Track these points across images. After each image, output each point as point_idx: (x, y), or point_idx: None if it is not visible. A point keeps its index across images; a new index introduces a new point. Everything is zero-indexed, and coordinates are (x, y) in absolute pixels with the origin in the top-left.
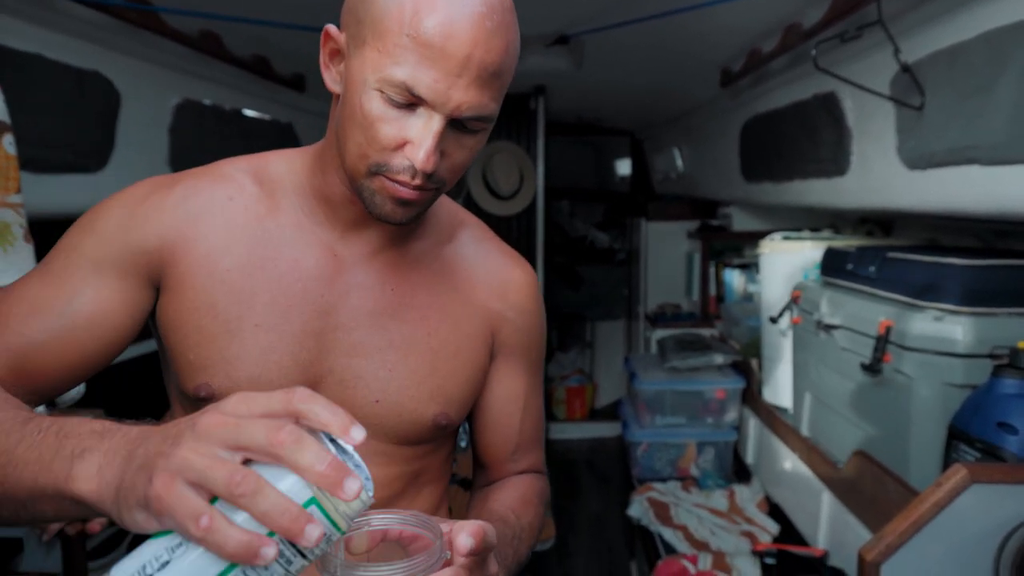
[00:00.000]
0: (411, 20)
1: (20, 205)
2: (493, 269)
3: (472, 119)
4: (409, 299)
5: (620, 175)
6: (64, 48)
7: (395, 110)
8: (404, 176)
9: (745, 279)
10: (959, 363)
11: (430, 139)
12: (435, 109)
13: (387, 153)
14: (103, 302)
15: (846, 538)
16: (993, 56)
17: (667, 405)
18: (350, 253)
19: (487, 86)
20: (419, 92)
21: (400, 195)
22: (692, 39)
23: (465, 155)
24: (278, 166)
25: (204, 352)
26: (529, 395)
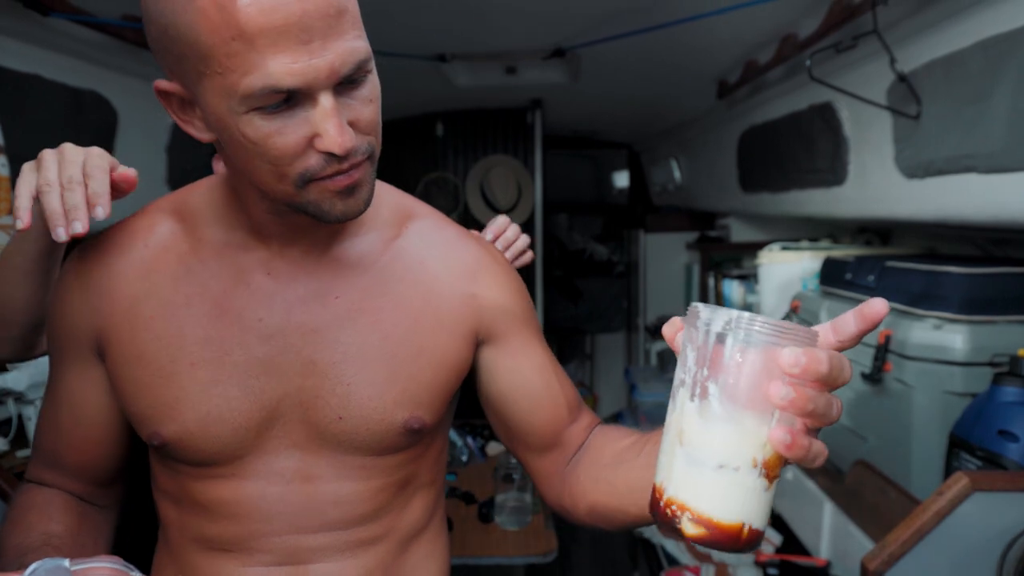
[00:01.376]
0: (222, 20)
1: (12, 226)
2: (454, 255)
3: (352, 73)
4: (358, 304)
5: (618, 187)
6: (61, 68)
7: (279, 117)
8: (332, 167)
9: (744, 290)
10: (959, 371)
11: (331, 121)
12: (313, 88)
13: (301, 160)
14: (79, 392)
15: (848, 548)
16: (989, 64)
17: None
18: (286, 269)
19: (341, 30)
20: (285, 85)
21: (340, 185)
22: (688, 51)
23: (371, 108)
24: (199, 197)
25: (144, 402)
26: (549, 360)
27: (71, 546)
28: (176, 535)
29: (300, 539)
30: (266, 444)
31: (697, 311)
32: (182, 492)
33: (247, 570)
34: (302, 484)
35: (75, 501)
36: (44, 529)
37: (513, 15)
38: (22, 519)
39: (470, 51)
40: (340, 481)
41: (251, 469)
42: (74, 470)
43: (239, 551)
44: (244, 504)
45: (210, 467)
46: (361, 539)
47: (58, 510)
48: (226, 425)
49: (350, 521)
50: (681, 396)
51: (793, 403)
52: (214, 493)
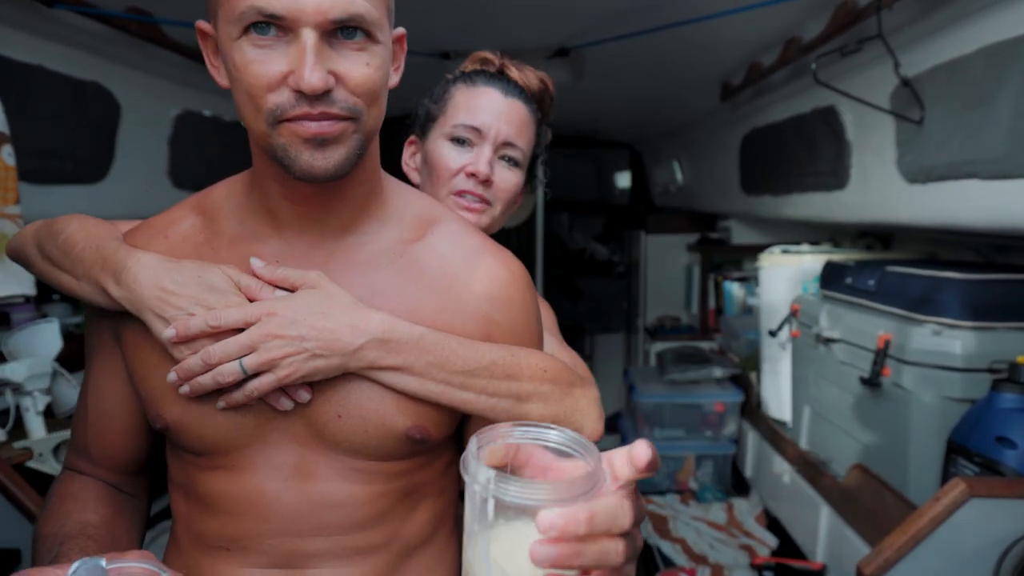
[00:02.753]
0: None
1: (19, 216)
2: (475, 267)
3: (344, 22)
4: (367, 303)
5: (620, 188)
6: (64, 59)
7: (265, 49)
8: (301, 108)
9: (744, 292)
10: (958, 377)
11: (305, 55)
12: (298, 23)
13: (274, 94)
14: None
15: (845, 552)
16: (993, 70)
17: (666, 418)
18: (296, 260)
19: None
20: (273, 10)
21: (307, 132)
22: (692, 52)
23: (367, 72)
24: (220, 192)
25: (151, 383)
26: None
27: (106, 536)
28: (183, 530)
29: (296, 542)
30: (267, 436)
31: (466, 459)
32: (189, 483)
33: (244, 571)
34: (300, 482)
35: (109, 490)
36: (80, 518)
37: (517, 14)
38: (60, 507)
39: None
40: (338, 482)
41: (251, 461)
42: (100, 458)
43: (237, 550)
44: (242, 500)
45: (212, 456)
46: (359, 546)
47: (94, 499)
48: (223, 413)
49: (348, 526)
50: (466, 542)
51: (556, 562)
52: (215, 486)
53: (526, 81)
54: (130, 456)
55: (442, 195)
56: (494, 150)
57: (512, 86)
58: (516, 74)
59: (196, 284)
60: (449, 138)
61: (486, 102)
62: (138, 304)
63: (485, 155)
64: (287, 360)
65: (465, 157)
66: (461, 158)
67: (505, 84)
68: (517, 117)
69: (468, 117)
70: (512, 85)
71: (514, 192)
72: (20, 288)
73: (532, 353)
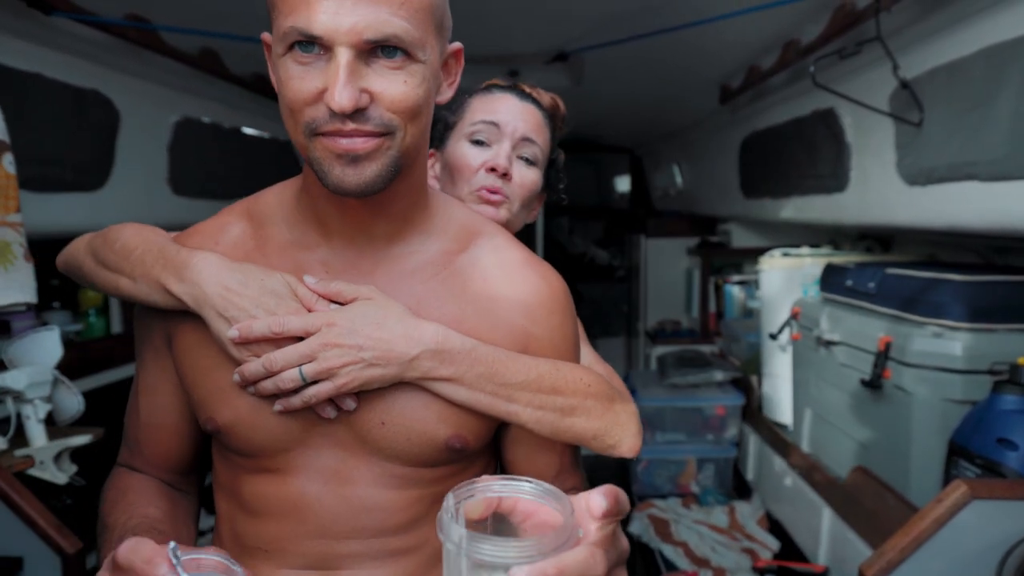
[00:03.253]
0: None
1: (20, 224)
2: (516, 281)
3: (380, 42)
4: (413, 312)
5: (619, 192)
6: (63, 67)
7: (306, 65)
8: (333, 125)
9: (745, 295)
10: (959, 379)
11: (337, 74)
12: (334, 43)
13: (310, 109)
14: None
15: (847, 554)
16: (992, 72)
17: (667, 422)
18: (342, 268)
19: (381, 2)
20: (311, 31)
21: (339, 148)
22: (691, 56)
23: (403, 90)
24: (269, 198)
25: (203, 387)
26: None
27: (170, 531)
28: (225, 530)
29: (333, 544)
30: (311, 440)
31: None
32: (233, 485)
33: (280, 572)
34: (339, 486)
35: (165, 487)
36: (144, 512)
37: (516, 18)
38: (123, 498)
39: (473, 54)
40: (376, 487)
41: (294, 464)
42: (152, 456)
43: (274, 551)
44: (284, 502)
45: (259, 459)
46: (392, 549)
47: (154, 494)
48: (274, 416)
49: (383, 529)
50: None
51: None
52: (258, 488)
53: (538, 97)
54: (180, 455)
55: (464, 194)
56: (512, 146)
57: (527, 95)
58: (529, 90)
59: (258, 287)
60: (468, 138)
61: (503, 103)
62: (200, 301)
63: (504, 150)
64: (345, 369)
65: (485, 154)
66: (481, 156)
67: (520, 92)
68: (533, 118)
69: (486, 115)
70: (527, 95)
71: (531, 190)
72: (22, 296)
73: (575, 368)
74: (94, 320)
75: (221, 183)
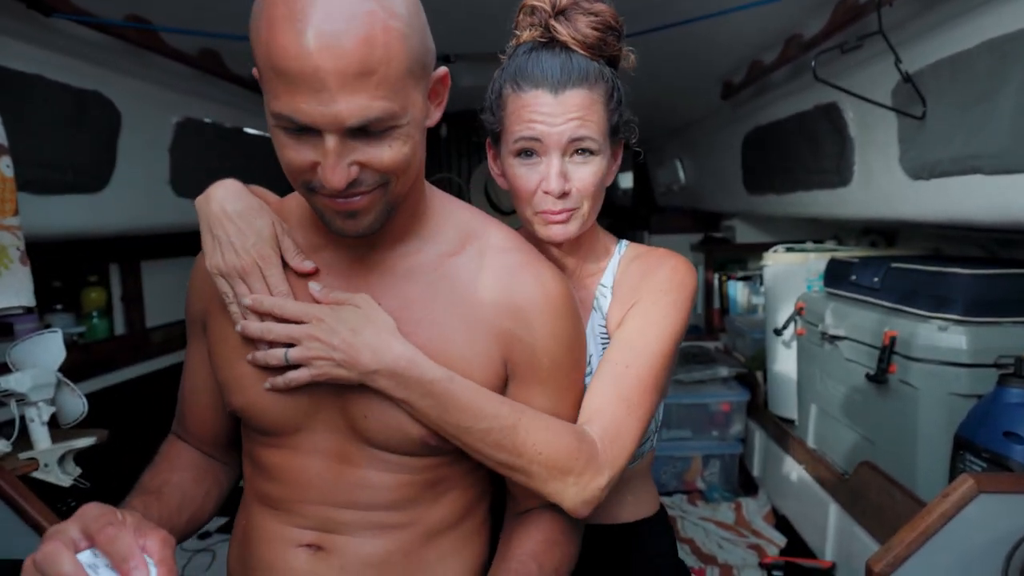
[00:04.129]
0: (265, 52)
1: (18, 227)
2: (505, 284)
3: (362, 126)
4: (396, 313)
5: (622, 188)
6: (64, 68)
7: (297, 138)
8: (325, 190)
9: (749, 291)
10: (964, 373)
11: (328, 160)
12: (322, 129)
13: (306, 174)
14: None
15: (854, 549)
16: (995, 65)
17: (672, 418)
18: (343, 270)
19: (358, 89)
20: (299, 120)
21: (336, 207)
22: (693, 51)
23: (389, 155)
24: (292, 202)
25: (224, 373)
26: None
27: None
28: (249, 491)
29: (331, 511)
30: (314, 424)
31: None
32: (253, 454)
33: (288, 528)
34: (338, 463)
35: (200, 456)
36: (166, 477)
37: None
38: (157, 464)
39: (475, 52)
40: (369, 469)
41: (301, 443)
42: (193, 430)
43: (284, 511)
44: (291, 471)
45: (271, 436)
46: (384, 523)
47: (183, 462)
48: (279, 402)
49: (375, 505)
50: None
51: None
52: (272, 458)
53: (580, 37)
54: (216, 430)
55: (528, 215)
56: (562, 154)
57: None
58: (566, 33)
59: (247, 223)
60: (515, 154)
61: (537, 109)
62: (202, 212)
63: (555, 167)
64: (318, 362)
65: (537, 173)
66: (533, 175)
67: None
68: (576, 107)
69: (524, 129)
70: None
71: (600, 180)
72: (18, 299)
73: (540, 427)
74: (97, 322)
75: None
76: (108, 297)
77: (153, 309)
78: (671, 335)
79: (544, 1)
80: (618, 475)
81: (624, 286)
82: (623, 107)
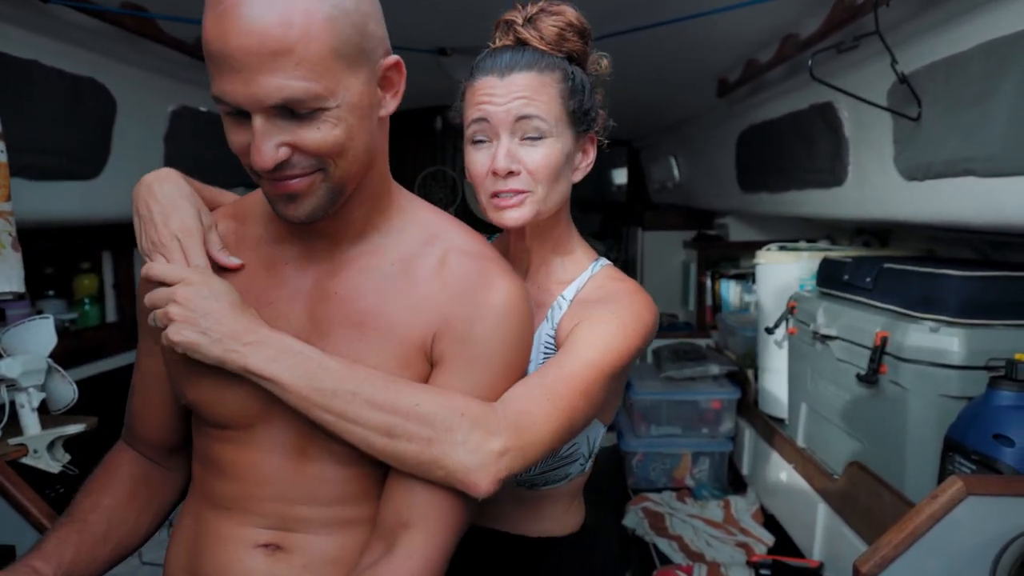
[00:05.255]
0: (204, 36)
1: (10, 213)
2: (454, 280)
3: (284, 105)
4: (352, 304)
5: (616, 184)
6: (60, 55)
7: (235, 120)
8: (258, 171)
9: (741, 289)
10: (955, 374)
11: (255, 139)
12: (247, 109)
13: (246, 158)
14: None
15: (841, 549)
16: (991, 67)
17: (662, 415)
18: (304, 262)
19: (273, 68)
20: (227, 100)
21: (276, 190)
22: (689, 49)
23: (318, 137)
24: (254, 198)
25: (177, 367)
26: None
27: (101, 522)
28: (197, 491)
29: (289, 508)
30: (271, 417)
31: None
32: (206, 451)
33: (243, 529)
34: (295, 456)
35: (140, 469)
36: (94, 500)
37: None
38: (93, 479)
39: (471, 45)
40: (325, 462)
41: (257, 437)
42: (141, 434)
43: (238, 510)
44: (247, 466)
45: (226, 430)
46: (343, 518)
47: (119, 480)
48: (235, 394)
49: (333, 499)
50: None
51: None
52: (227, 454)
53: (539, 35)
54: (165, 432)
55: (483, 201)
56: (511, 135)
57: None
58: (526, 34)
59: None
60: (471, 141)
61: (484, 92)
62: (136, 193)
63: (503, 147)
64: (180, 325)
65: (488, 156)
66: (485, 159)
67: (506, 59)
68: (523, 87)
69: (474, 111)
70: (515, 55)
71: (554, 165)
72: (10, 285)
73: (420, 388)
74: (88, 309)
75: (217, 172)
76: (100, 284)
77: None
78: (614, 354)
79: (516, 15)
80: (524, 460)
81: (583, 303)
82: (587, 98)
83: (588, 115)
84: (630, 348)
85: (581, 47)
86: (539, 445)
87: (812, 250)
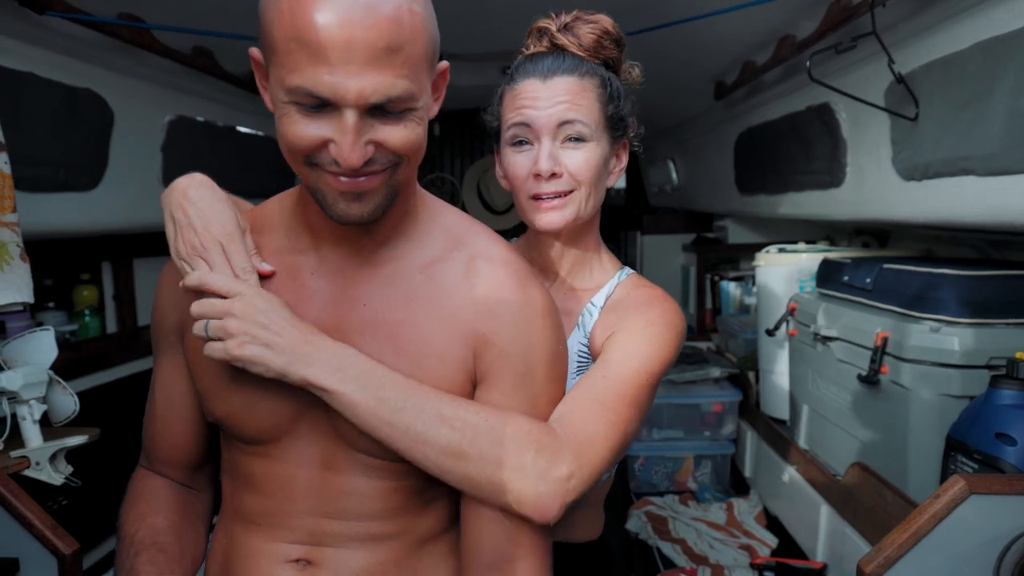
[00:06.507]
0: (290, 22)
1: (16, 224)
2: (486, 290)
3: (383, 103)
4: (382, 315)
5: (615, 188)
6: (57, 66)
7: (310, 114)
8: (334, 168)
9: (741, 291)
10: (956, 374)
11: (346, 136)
12: (342, 104)
13: (315, 153)
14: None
15: (845, 550)
16: (988, 66)
17: (664, 418)
18: (328, 271)
19: (385, 64)
20: (319, 92)
21: (343, 186)
22: (686, 51)
23: (405, 135)
24: (272, 206)
25: (205, 381)
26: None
27: (174, 544)
28: (228, 508)
29: (319, 522)
30: (298, 430)
31: None
32: (235, 466)
33: (274, 544)
34: (325, 471)
35: (177, 490)
36: (152, 523)
37: (511, 16)
38: (135, 507)
39: (468, 51)
40: (355, 475)
41: (286, 451)
42: (166, 455)
43: (267, 525)
44: (276, 481)
45: (255, 445)
46: (373, 533)
47: (164, 502)
48: (264, 408)
49: (363, 514)
50: None
51: None
52: (256, 468)
53: (578, 42)
54: (192, 448)
55: (524, 203)
56: (553, 139)
57: (555, 61)
58: (564, 40)
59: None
60: (510, 144)
61: (527, 95)
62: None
63: (545, 149)
64: (241, 338)
65: (529, 159)
66: (526, 162)
67: (547, 64)
68: (565, 93)
69: (515, 116)
70: (556, 60)
71: (595, 168)
72: (19, 296)
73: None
74: (89, 320)
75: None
76: (100, 295)
77: (145, 307)
78: (654, 362)
79: (551, 22)
80: (587, 481)
81: (613, 311)
82: (622, 105)
83: (623, 121)
84: (668, 356)
85: (616, 55)
86: (600, 464)
87: (811, 251)
